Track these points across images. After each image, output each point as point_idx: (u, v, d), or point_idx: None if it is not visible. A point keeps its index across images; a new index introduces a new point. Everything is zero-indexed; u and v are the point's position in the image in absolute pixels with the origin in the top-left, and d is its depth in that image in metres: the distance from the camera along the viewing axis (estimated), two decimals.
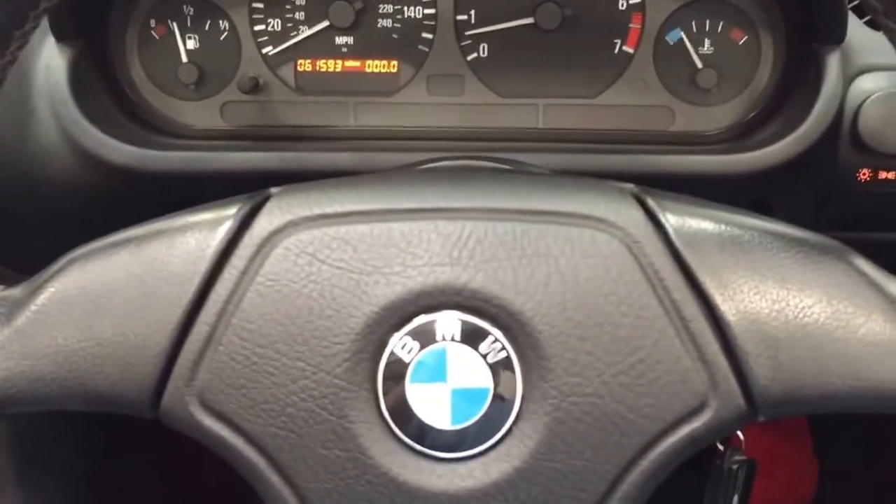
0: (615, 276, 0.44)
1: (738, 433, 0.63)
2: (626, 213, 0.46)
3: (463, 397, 0.44)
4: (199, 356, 0.44)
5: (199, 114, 0.83)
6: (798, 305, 0.44)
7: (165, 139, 0.79)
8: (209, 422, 0.44)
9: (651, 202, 0.47)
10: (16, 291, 0.47)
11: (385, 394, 0.44)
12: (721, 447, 0.54)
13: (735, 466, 0.52)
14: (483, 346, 0.44)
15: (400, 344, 0.44)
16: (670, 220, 0.46)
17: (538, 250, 0.45)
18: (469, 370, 0.44)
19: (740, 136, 0.80)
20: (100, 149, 0.72)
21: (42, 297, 0.46)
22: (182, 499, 1.01)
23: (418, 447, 0.44)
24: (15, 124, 0.72)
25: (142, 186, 0.73)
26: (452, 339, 0.44)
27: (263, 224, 0.45)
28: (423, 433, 0.44)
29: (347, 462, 0.44)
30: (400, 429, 0.44)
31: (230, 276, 0.45)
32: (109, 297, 0.45)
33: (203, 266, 0.45)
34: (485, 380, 0.44)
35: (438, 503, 0.44)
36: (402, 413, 0.44)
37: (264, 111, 0.83)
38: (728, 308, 0.44)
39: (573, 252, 0.45)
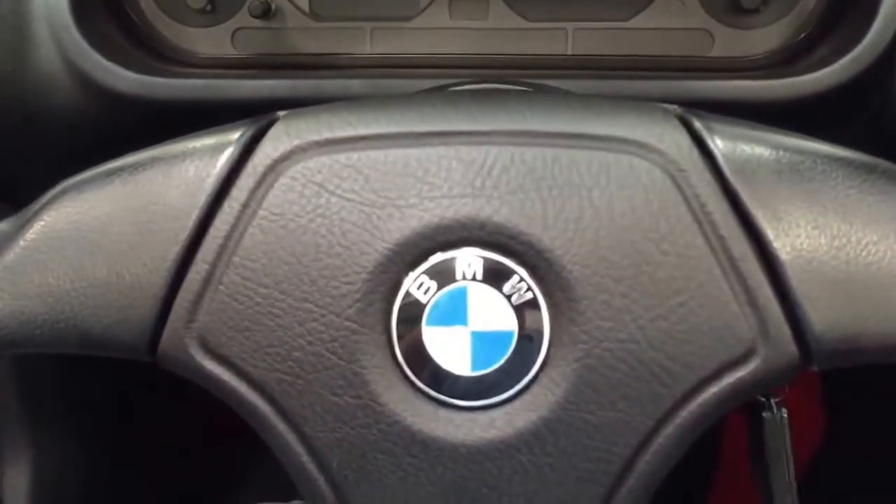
0: (655, 209, 0.40)
1: None
2: (669, 137, 0.41)
3: (484, 341, 0.40)
4: (198, 296, 0.41)
5: (208, 41, 0.78)
6: (862, 242, 0.40)
7: (173, 67, 0.75)
8: (211, 366, 0.41)
9: (698, 125, 0.42)
10: (4, 225, 0.44)
11: (399, 337, 0.40)
12: (764, 398, 0.50)
13: (786, 416, 0.48)
14: (507, 287, 0.40)
15: (416, 283, 0.40)
16: (719, 144, 0.41)
17: (570, 180, 0.41)
18: (491, 312, 0.40)
19: (786, 61, 0.75)
20: (104, 76, 0.68)
21: (31, 233, 0.42)
22: (202, 442, 0.99)
23: (435, 394, 0.41)
24: (12, 52, 0.68)
25: (148, 117, 0.69)
26: (473, 279, 0.40)
27: (267, 150, 0.42)
28: (440, 379, 0.40)
29: (358, 410, 0.40)
30: (415, 374, 0.40)
31: (231, 210, 0.41)
32: (102, 232, 0.42)
33: (202, 198, 0.41)
34: (508, 322, 0.40)
35: (457, 455, 0.40)
36: (418, 358, 0.40)
37: (277, 38, 0.78)
38: (781, 245, 0.40)
39: (609, 182, 0.41)
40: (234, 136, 0.42)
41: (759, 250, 0.40)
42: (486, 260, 0.40)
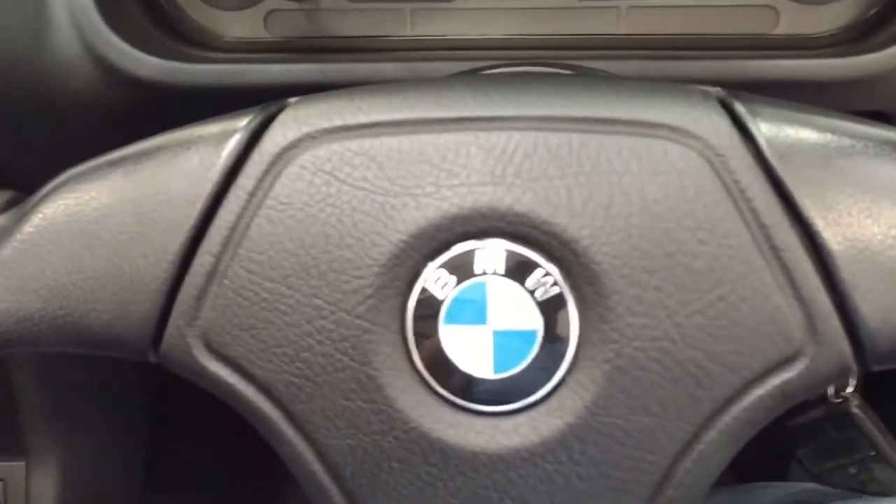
0: (692, 195, 0.39)
1: None
2: (707, 121, 0.40)
3: (507, 341, 0.39)
4: (201, 292, 0.40)
5: (241, 24, 0.78)
6: None
7: (200, 52, 0.75)
8: (215, 367, 0.40)
9: (740, 107, 0.40)
10: (2, 219, 0.43)
11: (415, 336, 0.39)
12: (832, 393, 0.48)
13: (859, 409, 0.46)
14: (531, 281, 0.39)
15: (433, 278, 0.39)
16: (762, 128, 0.39)
17: (598, 166, 0.39)
18: (514, 309, 0.39)
19: (853, 39, 0.72)
20: (126, 62, 0.68)
21: (28, 226, 0.42)
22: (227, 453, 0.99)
23: (454, 399, 0.39)
24: (31, 35, 0.68)
25: (172, 103, 0.69)
26: (494, 273, 0.39)
27: (276, 138, 0.41)
28: (459, 382, 0.39)
29: (372, 415, 0.39)
30: (433, 377, 0.39)
31: (237, 199, 0.40)
32: (102, 224, 0.41)
33: (206, 188, 0.40)
34: (533, 321, 0.39)
35: (478, 464, 0.39)
36: (436, 359, 0.39)
37: (312, 20, 0.78)
38: (831, 234, 0.38)
39: (641, 168, 0.39)
40: (241, 123, 0.42)
41: (807, 240, 0.38)
42: (507, 252, 0.39)
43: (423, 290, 0.39)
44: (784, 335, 0.38)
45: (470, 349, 0.39)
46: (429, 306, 0.39)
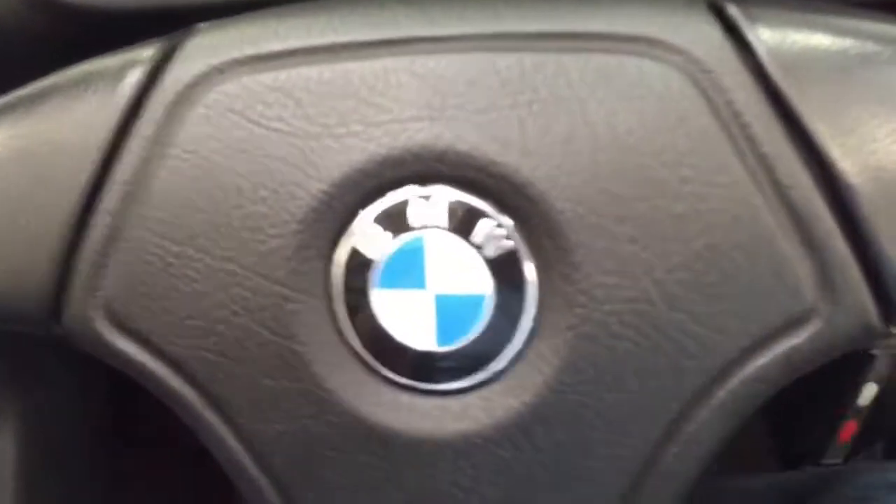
0: (673, 123, 0.32)
1: None
2: (692, 30, 0.32)
3: (452, 308, 0.33)
4: (101, 256, 0.34)
5: None
6: None
7: None
8: (122, 342, 0.35)
9: (733, 10, 0.33)
10: None
11: (345, 304, 0.33)
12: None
13: None
14: (478, 235, 0.32)
15: (362, 234, 0.33)
16: (762, 35, 0.32)
17: (557, 92, 0.32)
18: (459, 269, 0.33)
19: None
20: None
21: None
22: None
23: (393, 376, 0.33)
24: None
25: (104, 33, 0.63)
26: (434, 226, 0.33)
27: (178, 73, 0.35)
28: (398, 357, 0.33)
29: (300, 397, 0.34)
30: (367, 351, 0.33)
31: (137, 148, 0.34)
32: None
33: (102, 135, 0.35)
34: (481, 282, 0.32)
35: (424, 451, 0.33)
36: (370, 330, 0.33)
37: None
38: (850, 165, 0.31)
39: (610, 92, 0.32)
40: (142, 56, 0.36)
41: (819, 173, 0.31)
42: (448, 201, 0.33)
43: (352, 249, 0.33)
44: (791, 291, 0.31)
45: (409, 318, 0.33)
46: (359, 268, 0.33)
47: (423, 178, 0.33)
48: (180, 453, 0.56)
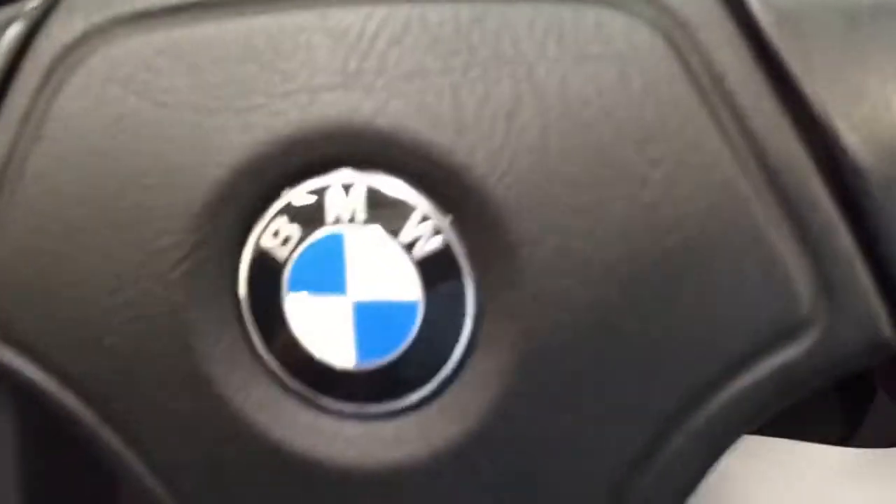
0: (640, 90, 0.26)
1: None
2: None
3: (375, 317, 0.27)
4: None
5: None
6: None
7: None
8: (6, 354, 0.30)
9: None
10: None
11: (252, 311, 0.28)
12: None
13: None
14: (406, 231, 0.27)
15: (270, 229, 0.28)
16: None
17: (499, 52, 0.26)
18: (383, 272, 0.27)
19: None
20: None
21: None
22: None
23: (313, 396, 0.28)
24: None
25: None
26: (352, 220, 0.27)
27: (55, 32, 0.29)
28: (317, 374, 0.28)
29: (206, 419, 0.29)
30: (282, 366, 0.28)
31: (8, 125, 0.29)
32: None
33: None
34: (409, 287, 0.27)
35: (350, 483, 0.28)
36: (283, 342, 0.28)
37: None
38: (858, 142, 0.25)
39: (563, 51, 0.26)
40: (23, 10, 0.30)
41: (818, 152, 0.25)
42: (369, 190, 0.27)
43: (257, 248, 0.28)
44: (783, 296, 0.26)
45: (325, 328, 0.28)
46: (268, 270, 0.28)
47: (339, 162, 0.27)
48: None
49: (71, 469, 0.42)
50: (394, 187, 0.27)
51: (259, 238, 0.28)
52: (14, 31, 0.30)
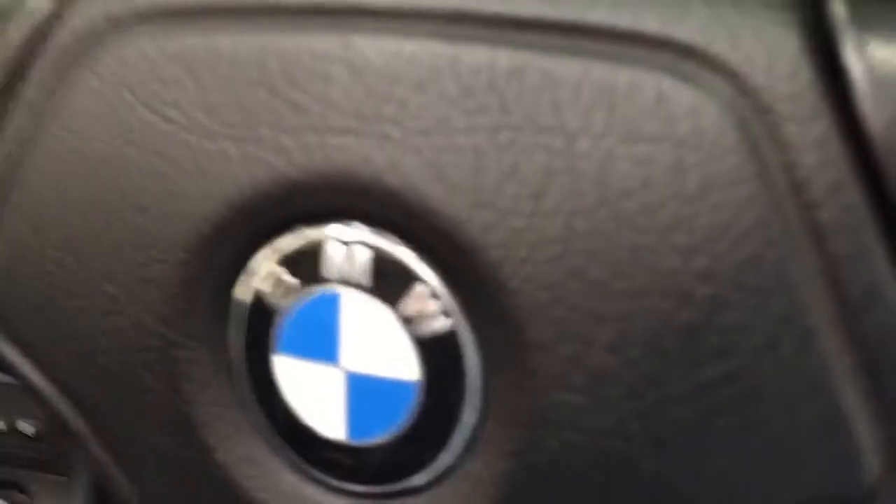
0: (697, 188, 0.21)
1: None
2: (755, 38, 0.21)
3: (367, 392, 0.24)
4: None
5: None
6: None
7: None
8: (9, 351, 0.29)
9: (838, 9, 0.21)
10: None
11: (242, 361, 0.26)
12: None
13: None
14: (408, 304, 0.24)
15: (264, 275, 0.25)
16: (873, 61, 0.20)
17: (535, 116, 0.22)
18: (380, 344, 0.24)
19: None
20: None
21: None
22: None
23: (298, 461, 0.26)
24: None
25: None
26: (351, 284, 0.24)
27: (73, 21, 0.27)
28: (304, 439, 0.26)
29: (190, 463, 0.27)
30: (270, 425, 0.26)
31: (18, 114, 0.27)
32: None
33: None
34: (407, 366, 0.24)
35: None
36: (269, 399, 0.26)
37: None
38: None
39: (609, 126, 0.22)
40: None
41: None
42: (374, 250, 0.24)
43: (255, 293, 0.25)
44: (845, 459, 0.21)
45: (315, 395, 0.25)
46: (258, 318, 0.25)
47: (343, 215, 0.24)
48: None
49: None
50: (400, 253, 0.23)
51: (254, 281, 0.25)
52: (35, 15, 0.27)
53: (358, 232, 0.24)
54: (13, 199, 0.27)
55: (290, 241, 0.24)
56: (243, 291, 0.25)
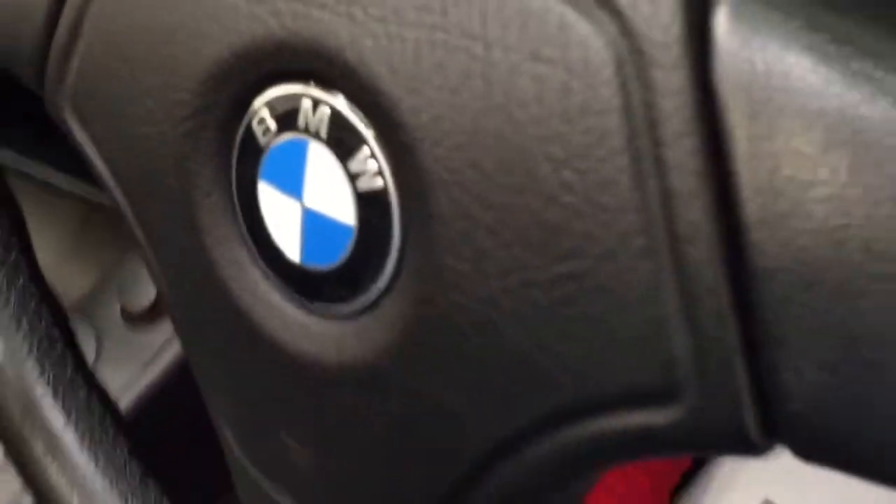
0: (575, 110, 0.24)
1: None
2: None
3: (318, 227, 0.30)
4: (66, 48, 0.34)
5: None
6: None
7: None
8: (83, 137, 0.36)
9: None
10: None
11: (236, 181, 0.31)
12: None
13: None
14: (354, 162, 0.28)
15: (258, 115, 0.30)
16: (731, 26, 0.23)
17: (465, 22, 0.26)
18: (331, 192, 0.29)
19: None
20: None
21: None
22: None
23: (266, 269, 0.32)
24: None
25: None
26: (317, 136, 0.29)
27: None
28: (272, 254, 0.31)
29: (191, 253, 0.33)
30: (251, 237, 0.32)
31: None
32: None
33: None
34: (347, 213, 0.29)
35: (294, 367, 0.32)
36: (252, 216, 0.31)
37: None
38: (767, 235, 0.23)
39: (520, 43, 0.25)
40: None
41: (731, 238, 0.23)
42: (333, 112, 0.28)
43: (248, 129, 0.30)
44: (660, 356, 0.25)
45: (282, 220, 0.30)
46: (250, 150, 0.31)
47: (317, 77, 0.29)
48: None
49: None
50: (353, 118, 0.28)
51: (251, 119, 0.30)
52: None
53: (324, 94, 0.28)
54: (92, 10, 0.33)
55: (275, 92, 0.29)
56: (242, 126, 0.30)
